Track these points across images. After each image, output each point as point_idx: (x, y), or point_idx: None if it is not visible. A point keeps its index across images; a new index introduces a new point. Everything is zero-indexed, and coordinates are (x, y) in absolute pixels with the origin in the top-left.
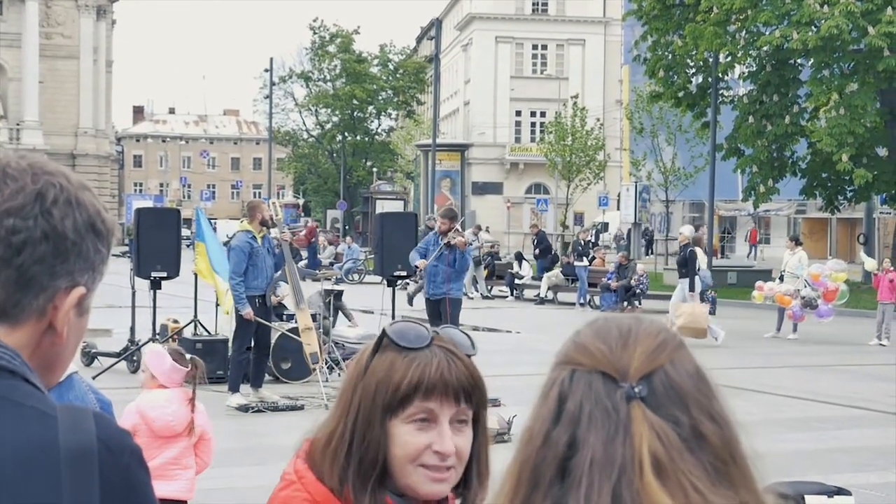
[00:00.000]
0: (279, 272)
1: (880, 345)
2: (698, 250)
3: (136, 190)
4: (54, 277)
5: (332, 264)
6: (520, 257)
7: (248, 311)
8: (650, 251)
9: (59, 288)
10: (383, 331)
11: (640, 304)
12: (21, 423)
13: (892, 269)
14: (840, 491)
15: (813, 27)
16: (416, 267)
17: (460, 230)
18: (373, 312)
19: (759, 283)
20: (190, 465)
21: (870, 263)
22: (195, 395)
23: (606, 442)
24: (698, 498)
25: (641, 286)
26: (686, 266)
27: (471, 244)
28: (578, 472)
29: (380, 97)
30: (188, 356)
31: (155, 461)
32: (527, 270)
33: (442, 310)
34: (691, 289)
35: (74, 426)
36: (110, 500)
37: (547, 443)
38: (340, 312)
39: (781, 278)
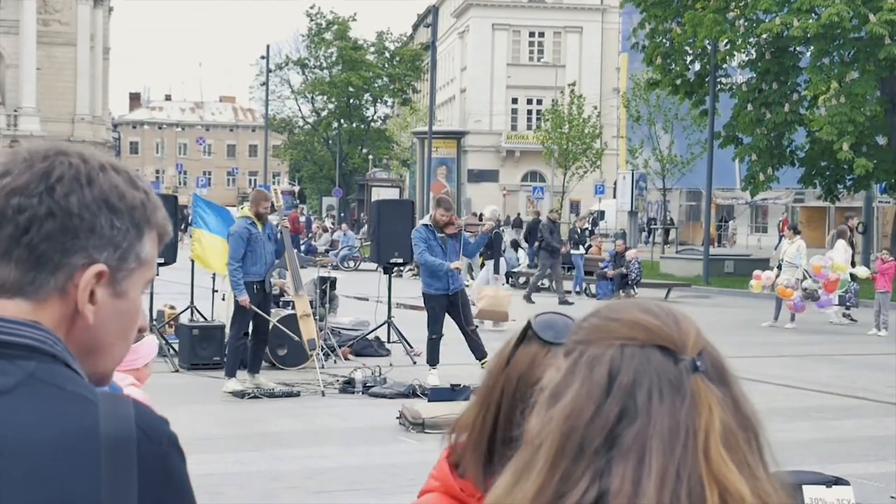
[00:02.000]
0: (279, 259)
1: (878, 335)
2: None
3: None
4: (67, 254)
5: (327, 251)
6: (515, 245)
7: (244, 298)
8: (650, 239)
9: (76, 265)
10: (528, 322)
11: (635, 292)
12: (62, 409)
13: (891, 259)
14: (838, 480)
15: (813, 14)
16: (451, 269)
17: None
18: (368, 299)
19: (756, 273)
20: None
21: (862, 272)
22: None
23: (672, 412)
24: (749, 473)
25: (634, 273)
26: (491, 248)
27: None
28: (632, 442)
29: (376, 84)
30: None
31: None
32: (522, 258)
33: (460, 301)
34: (496, 271)
35: (115, 413)
36: (148, 487)
37: (596, 416)
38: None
39: (779, 267)
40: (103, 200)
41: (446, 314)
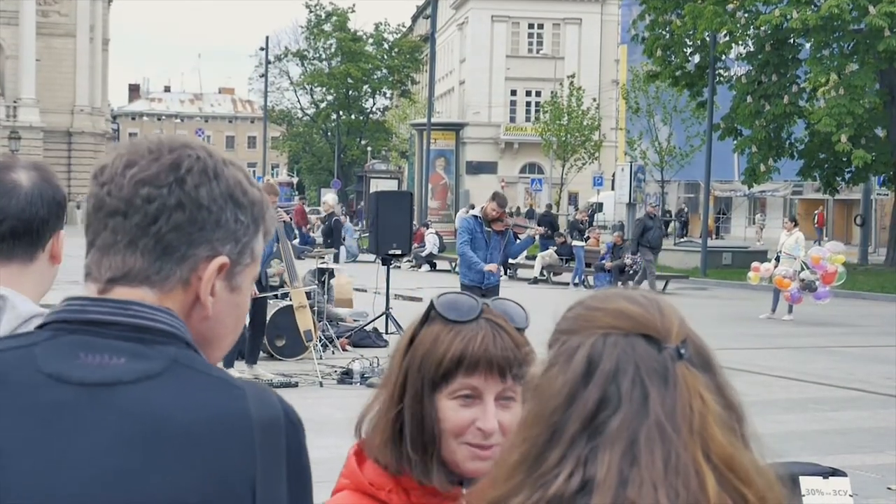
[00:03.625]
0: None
1: None
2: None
3: None
4: (193, 246)
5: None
6: (516, 236)
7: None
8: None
9: (201, 257)
10: (431, 302)
11: (631, 284)
12: (211, 392)
13: None
14: (835, 472)
15: (813, 6)
16: (487, 270)
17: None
18: (366, 291)
19: (754, 264)
20: None
21: None
22: None
23: (659, 399)
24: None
25: (636, 266)
26: (331, 236)
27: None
28: (617, 429)
29: (375, 76)
30: None
31: None
32: None
33: (495, 296)
34: (335, 260)
35: (262, 398)
36: (294, 469)
37: (572, 401)
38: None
39: (777, 259)
40: (229, 195)
41: None
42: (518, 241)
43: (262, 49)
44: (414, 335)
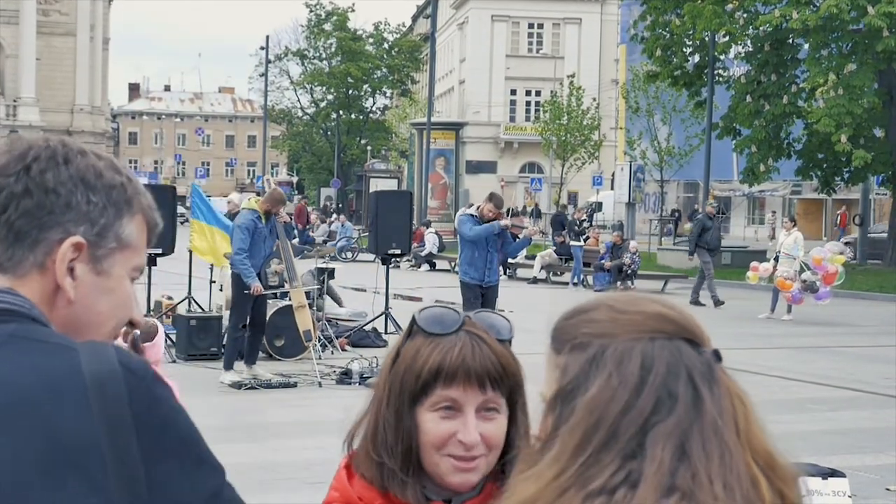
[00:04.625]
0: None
1: None
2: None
3: (131, 167)
4: (44, 230)
5: (325, 242)
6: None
7: (256, 286)
8: (675, 231)
9: (53, 240)
10: (413, 316)
11: (633, 283)
12: (45, 357)
13: None
14: (834, 472)
15: (812, 6)
16: (503, 227)
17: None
18: (365, 290)
19: (753, 264)
20: None
21: None
22: None
23: (712, 401)
24: None
25: (634, 265)
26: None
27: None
28: (671, 430)
29: (375, 75)
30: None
31: None
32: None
33: (493, 296)
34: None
35: (96, 354)
36: (142, 419)
37: (630, 407)
38: (329, 296)
39: (776, 259)
40: (80, 178)
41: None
42: (516, 240)
43: (262, 48)
44: (399, 350)
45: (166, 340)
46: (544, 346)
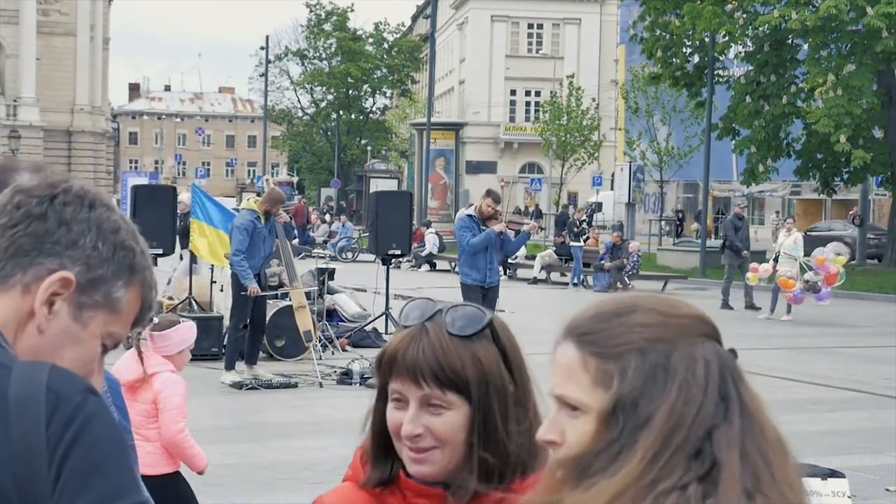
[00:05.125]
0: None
1: None
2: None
3: (131, 167)
4: (42, 255)
5: (325, 242)
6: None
7: (254, 287)
8: (680, 233)
9: (46, 268)
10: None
11: (630, 283)
12: None
13: None
14: (834, 473)
15: (811, 7)
16: (499, 232)
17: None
18: (365, 291)
19: (753, 265)
20: (151, 438)
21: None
22: (140, 356)
23: (750, 397)
24: None
25: (634, 265)
26: (187, 237)
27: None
28: (731, 428)
29: (375, 76)
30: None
31: None
32: (521, 249)
33: (496, 296)
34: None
35: (26, 376)
36: (58, 443)
37: (701, 411)
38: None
39: (776, 259)
40: (96, 224)
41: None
42: (515, 237)
43: (262, 48)
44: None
45: None
46: (562, 347)
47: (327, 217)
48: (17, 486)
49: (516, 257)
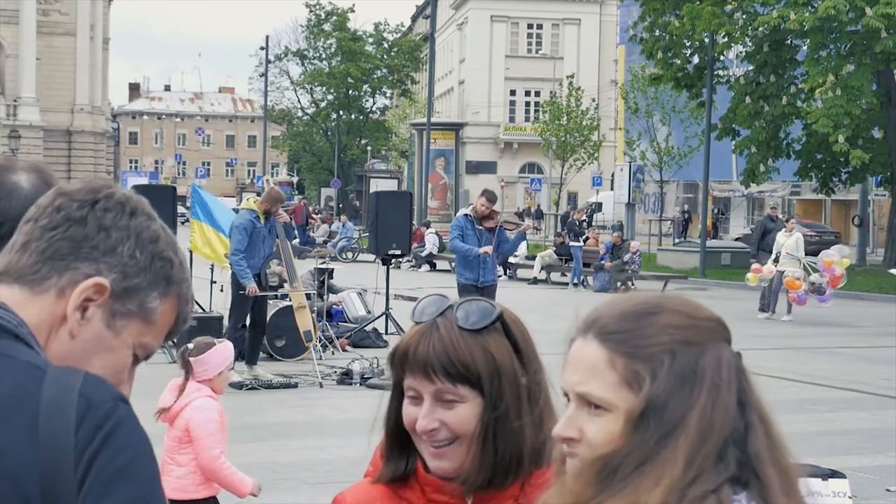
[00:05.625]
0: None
1: None
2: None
3: (131, 167)
4: (79, 259)
5: (325, 242)
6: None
7: (252, 287)
8: (684, 234)
9: (82, 273)
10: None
11: (633, 284)
12: (9, 375)
13: None
14: (834, 473)
15: (810, 7)
16: (481, 254)
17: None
18: (366, 291)
19: (756, 266)
20: (182, 463)
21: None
22: (184, 385)
23: (760, 399)
24: None
25: (635, 265)
26: None
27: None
28: (752, 425)
29: (375, 76)
30: (190, 346)
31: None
32: (522, 249)
33: (490, 296)
34: None
35: (59, 381)
36: (86, 450)
37: (729, 411)
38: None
39: (776, 260)
40: (136, 232)
41: None
42: (511, 238)
43: (262, 48)
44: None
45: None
46: (584, 344)
47: (341, 217)
48: (42, 488)
49: (517, 256)
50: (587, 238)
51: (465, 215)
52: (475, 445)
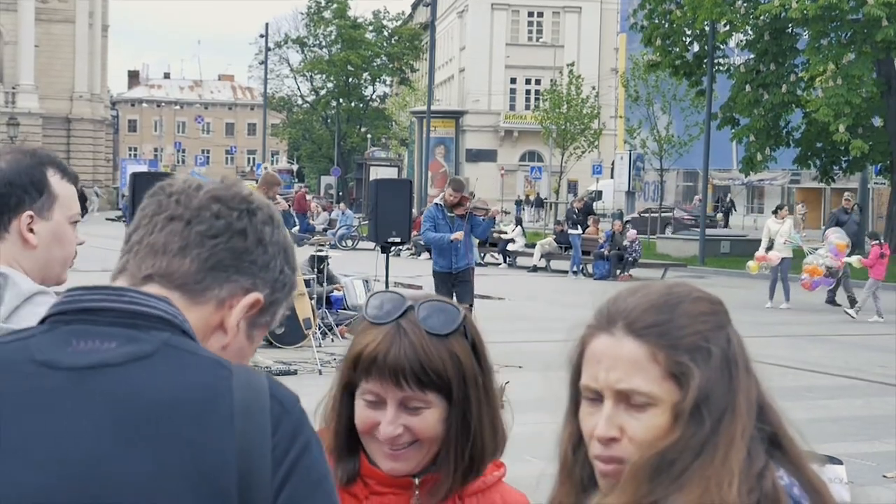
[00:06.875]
0: None
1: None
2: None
3: (130, 154)
4: (240, 273)
5: (325, 230)
6: (520, 222)
7: None
8: (728, 223)
9: (241, 286)
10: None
11: (629, 271)
12: (198, 372)
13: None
14: (831, 460)
15: None
16: (452, 240)
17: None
18: (368, 281)
19: (759, 254)
20: None
21: (854, 261)
22: None
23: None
24: None
25: (635, 253)
26: None
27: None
28: (777, 411)
29: (375, 63)
30: None
31: None
32: (520, 237)
33: (466, 279)
34: None
35: (249, 381)
36: (281, 450)
37: (756, 392)
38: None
39: (769, 248)
40: (283, 248)
41: (453, 293)
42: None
43: (261, 36)
44: (357, 333)
45: None
46: (617, 340)
47: (341, 205)
48: (239, 487)
49: (514, 241)
50: (587, 226)
51: (436, 205)
52: (436, 447)
